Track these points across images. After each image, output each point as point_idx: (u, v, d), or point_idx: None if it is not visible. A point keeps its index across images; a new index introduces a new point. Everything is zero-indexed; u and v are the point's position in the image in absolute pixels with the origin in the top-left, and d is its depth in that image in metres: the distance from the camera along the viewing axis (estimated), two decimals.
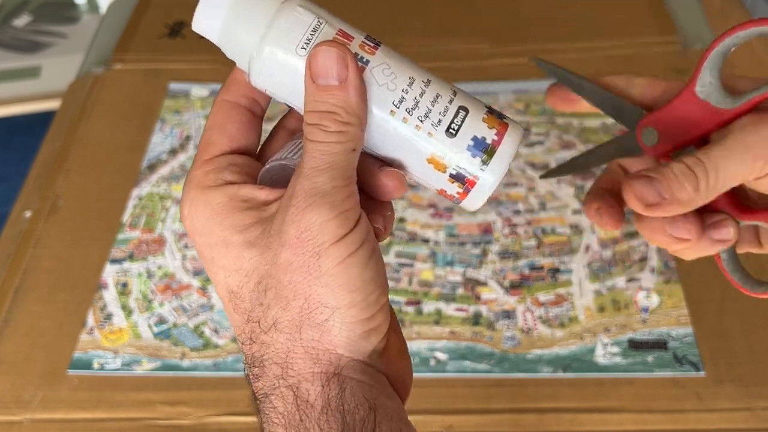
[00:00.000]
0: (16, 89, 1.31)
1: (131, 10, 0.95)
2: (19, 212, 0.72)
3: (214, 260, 0.32)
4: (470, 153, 0.33)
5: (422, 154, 0.33)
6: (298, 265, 0.30)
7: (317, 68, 0.31)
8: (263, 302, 0.31)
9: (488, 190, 0.33)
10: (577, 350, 0.59)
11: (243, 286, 0.31)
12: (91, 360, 0.60)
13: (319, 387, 0.30)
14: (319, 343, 0.30)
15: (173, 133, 0.79)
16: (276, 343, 0.31)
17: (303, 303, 0.30)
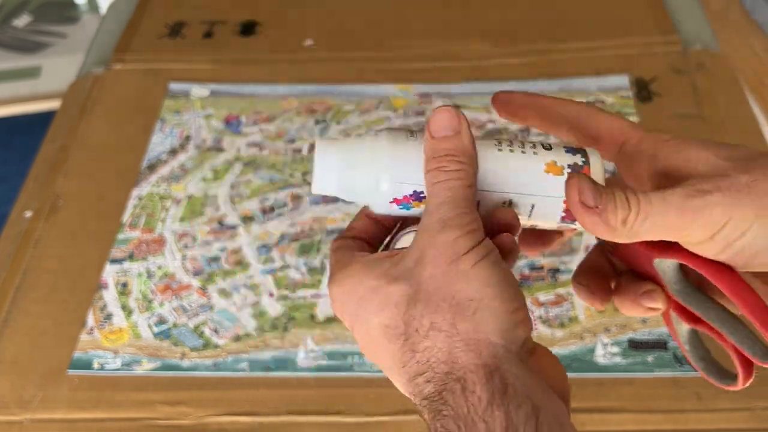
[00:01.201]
0: (16, 89, 1.32)
1: (131, 10, 0.95)
2: (20, 212, 0.72)
3: (364, 309, 0.36)
4: (570, 153, 0.38)
5: (538, 167, 0.38)
6: (439, 274, 0.34)
7: (435, 125, 0.37)
8: (416, 315, 0.34)
9: (602, 168, 0.38)
10: (577, 350, 0.59)
11: (394, 317, 0.35)
12: (91, 360, 0.60)
13: (483, 379, 0.32)
14: (476, 332, 0.33)
15: (173, 133, 0.79)
16: (438, 343, 0.34)
17: (451, 301, 0.34)
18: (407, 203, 0.38)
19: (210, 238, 0.68)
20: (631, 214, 0.35)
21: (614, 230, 0.35)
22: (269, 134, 0.78)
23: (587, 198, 0.35)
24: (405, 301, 0.35)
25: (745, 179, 0.34)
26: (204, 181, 0.74)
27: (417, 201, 0.38)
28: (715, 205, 0.33)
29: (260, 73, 0.85)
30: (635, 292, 0.39)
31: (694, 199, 0.34)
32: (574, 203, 0.36)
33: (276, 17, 0.92)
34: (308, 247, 0.67)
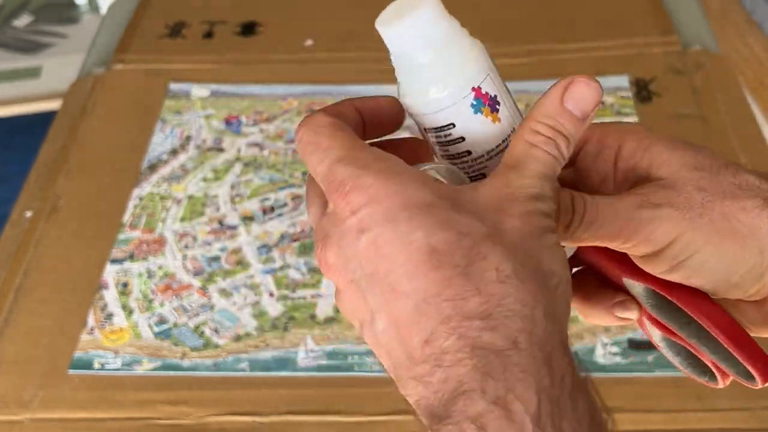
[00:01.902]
0: (16, 89, 1.32)
1: (132, 10, 0.95)
2: (20, 212, 0.72)
3: (410, 219, 0.29)
4: None
5: None
6: (526, 233, 0.29)
7: (574, 94, 0.32)
8: (488, 255, 0.28)
9: None
10: (577, 350, 0.59)
11: (454, 244, 0.28)
12: (91, 360, 0.60)
13: (567, 360, 0.27)
14: (555, 305, 0.28)
15: (174, 133, 0.79)
16: (519, 293, 0.28)
17: (536, 263, 0.29)
18: (482, 102, 0.33)
19: (210, 238, 0.69)
20: (574, 218, 0.32)
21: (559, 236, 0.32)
22: (269, 134, 0.78)
23: None
24: (478, 237, 0.28)
25: (700, 197, 0.32)
26: (204, 181, 0.74)
27: (490, 109, 0.33)
28: (662, 221, 0.31)
29: (260, 73, 0.85)
30: (607, 302, 0.36)
31: (642, 210, 0.32)
32: None
33: (276, 17, 0.92)
34: (308, 247, 0.67)
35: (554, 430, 0.26)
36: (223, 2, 0.96)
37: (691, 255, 0.32)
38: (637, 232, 0.32)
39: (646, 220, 0.32)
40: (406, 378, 0.29)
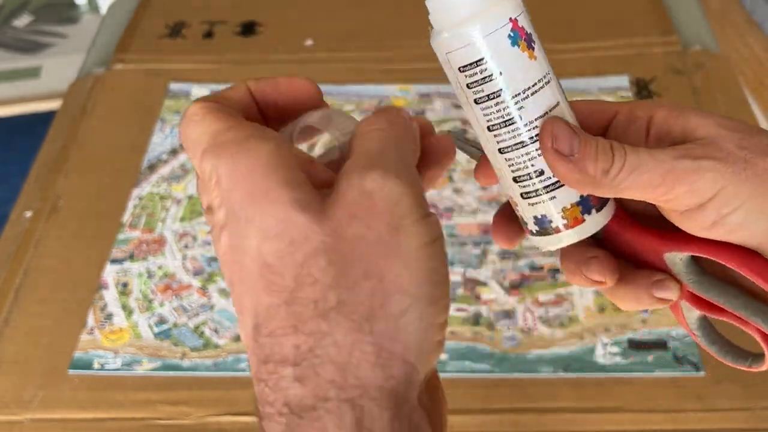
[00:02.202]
0: (16, 89, 1.32)
1: (132, 10, 0.95)
2: (20, 212, 0.72)
3: (249, 220, 0.25)
4: (533, 222, 0.34)
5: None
6: (372, 239, 0.25)
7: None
8: (320, 279, 0.24)
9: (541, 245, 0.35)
10: (577, 350, 0.59)
11: (284, 258, 0.25)
12: (91, 360, 0.60)
13: (388, 414, 0.23)
14: (393, 341, 0.24)
15: (173, 133, 0.79)
16: (336, 333, 0.24)
17: (377, 284, 0.24)
18: (519, 35, 0.33)
19: (210, 238, 0.68)
20: (614, 164, 0.31)
21: (594, 181, 0.31)
22: None
23: (562, 144, 0.31)
24: (307, 249, 0.24)
25: (742, 154, 0.31)
26: None
27: (526, 44, 0.33)
28: (706, 171, 0.30)
29: (260, 73, 0.84)
30: (644, 283, 0.34)
31: (684, 161, 0.31)
32: (546, 150, 0.31)
33: (276, 17, 0.92)
34: None
35: None
36: (223, 2, 0.96)
37: (735, 209, 0.31)
38: (680, 181, 0.31)
39: (689, 169, 0.31)
40: None
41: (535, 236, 0.35)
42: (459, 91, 0.33)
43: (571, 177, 0.31)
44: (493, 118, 0.32)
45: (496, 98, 0.32)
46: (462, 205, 0.69)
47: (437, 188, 0.71)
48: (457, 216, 0.68)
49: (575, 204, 0.33)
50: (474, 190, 0.71)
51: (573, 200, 0.33)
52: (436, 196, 0.70)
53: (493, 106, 0.32)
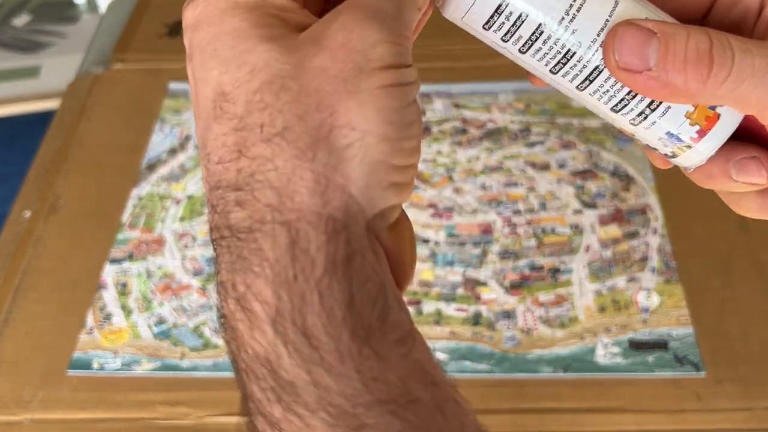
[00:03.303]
0: (15, 89, 1.31)
1: (131, 9, 0.95)
2: (19, 212, 0.72)
3: (214, 52, 0.25)
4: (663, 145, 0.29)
5: None
6: (333, 73, 0.24)
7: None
8: (270, 104, 0.24)
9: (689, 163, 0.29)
10: (577, 350, 0.59)
11: (241, 86, 0.24)
12: (90, 360, 0.60)
13: (323, 237, 0.23)
14: (334, 171, 0.24)
15: (173, 132, 0.79)
16: (278, 158, 0.24)
17: (327, 116, 0.24)
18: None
19: (210, 238, 0.68)
20: (714, 71, 0.25)
21: (688, 94, 0.25)
22: None
23: (630, 58, 0.25)
24: (265, 76, 0.24)
25: None
26: (204, 180, 0.73)
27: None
28: None
29: None
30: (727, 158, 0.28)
31: None
32: (614, 71, 0.26)
33: None
34: None
35: (295, 329, 0.23)
36: None
37: None
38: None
39: None
40: None
41: (674, 159, 0.29)
42: (500, 50, 0.29)
43: (658, 94, 0.26)
44: (549, 60, 0.28)
45: (540, 36, 0.28)
46: (462, 205, 0.69)
47: (437, 188, 0.71)
48: (457, 216, 0.68)
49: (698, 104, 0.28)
50: (474, 190, 0.70)
51: None
52: (436, 196, 0.70)
53: (542, 46, 0.28)
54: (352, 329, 0.23)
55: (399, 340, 0.24)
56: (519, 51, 0.28)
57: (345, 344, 0.23)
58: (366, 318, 0.23)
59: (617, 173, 0.71)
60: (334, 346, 0.23)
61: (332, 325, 0.23)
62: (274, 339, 0.23)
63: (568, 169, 0.71)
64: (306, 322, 0.23)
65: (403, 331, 0.24)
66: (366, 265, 0.24)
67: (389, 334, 0.24)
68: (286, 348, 0.23)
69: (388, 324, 0.24)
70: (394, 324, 0.24)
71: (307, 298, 0.23)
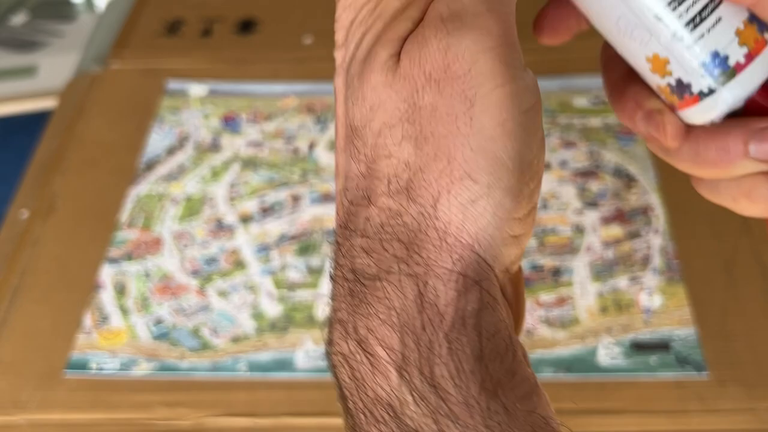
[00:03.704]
0: (12, 88, 1.31)
1: (128, 8, 0.94)
2: (16, 212, 0.72)
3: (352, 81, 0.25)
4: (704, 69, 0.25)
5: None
6: (444, 112, 0.23)
7: None
8: (394, 154, 0.23)
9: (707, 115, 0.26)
10: (578, 352, 0.58)
11: (366, 125, 0.24)
12: (88, 361, 0.60)
13: (453, 293, 0.23)
14: (460, 230, 0.23)
15: (171, 132, 0.78)
16: (404, 215, 0.23)
17: (445, 166, 0.23)
18: None
19: (208, 238, 0.68)
20: None
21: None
22: (268, 133, 0.77)
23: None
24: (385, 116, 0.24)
25: None
26: (202, 180, 0.73)
27: None
28: None
29: (259, 71, 0.84)
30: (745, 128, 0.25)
31: None
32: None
33: (275, 15, 0.92)
34: (308, 247, 0.67)
35: (422, 378, 0.22)
36: (221, 0, 0.95)
37: None
38: None
39: None
40: None
41: (707, 97, 0.25)
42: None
43: None
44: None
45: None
46: None
47: None
48: None
49: (748, 21, 0.25)
50: None
51: (744, 17, 0.25)
52: None
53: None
54: (481, 382, 0.22)
55: (526, 396, 0.24)
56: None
57: (473, 397, 0.22)
58: (495, 372, 0.23)
59: (619, 173, 0.70)
60: (462, 399, 0.22)
61: (461, 377, 0.22)
62: (399, 385, 0.22)
63: (570, 168, 0.71)
64: (434, 372, 0.22)
65: (529, 386, 0.24)
66: (495, 319, 0.23)
67: (517, 389, 0.24)
68: (412, 396, 0.22)
69: (516, 379, 0.23)
70: (522, 379, 0.24)
71: (435, 348, 0.22)
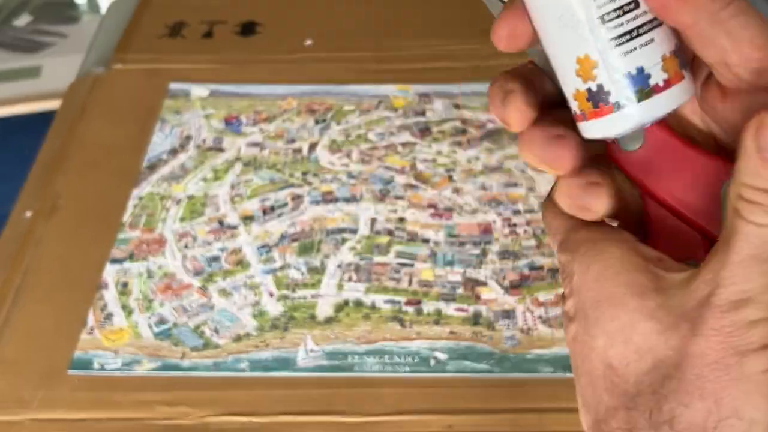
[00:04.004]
0: (16, 89, 1.31)
1: (131, 10, 0.95)
2: (20, 212, 0.72)
3: (597, 321, 0.27)
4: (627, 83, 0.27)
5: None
6: (712, 360, 0.25)
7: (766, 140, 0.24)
8: (657, 390, 0.25)
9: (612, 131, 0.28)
10: None
11: (629, 365, 0.26)
12: (91, 360, 0.60)
13: None
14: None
15: (173, 133, 0.79)
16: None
17: (711, 406, 0.24)
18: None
19: (210, 238, 0.68)
20: None
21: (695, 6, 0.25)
22: (269, 134, 0.78)
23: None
24: (653, 360, 0.26)
25: None
26: (204, 181, 0.74)
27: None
28: None
29: (260, 73, 0.85)
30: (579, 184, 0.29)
31: None
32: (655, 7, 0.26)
33: (276, 17, 0.92)
34: (308, 247, 0.67)
35: None
36: (223, 2, 0.96)
37: None
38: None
39: None
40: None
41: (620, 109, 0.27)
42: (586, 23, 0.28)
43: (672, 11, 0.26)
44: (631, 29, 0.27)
45: (632, 9, 0.27)
46: (462, 205, 0.69)
47: (437, 188, 0.71)
48: (457, 216, 0.68)
49: (674, 52, 0.27)
50: (474, 190, 0.71)
51: (671, 48, 0.27)
52: (436, 196, 0.70)
53: (628, 20, 0.27)
54: None
55: None
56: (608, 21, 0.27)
57: None
58: None
59: None
60: None
61: None
62: None
63: None
64: None
65: None
66: None
67: None
68: None
69: None
70: None
71: None
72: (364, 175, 0.73)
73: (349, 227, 0.69)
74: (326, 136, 0.77)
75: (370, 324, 0.61)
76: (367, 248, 0.67)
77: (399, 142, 0.76)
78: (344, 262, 0.66)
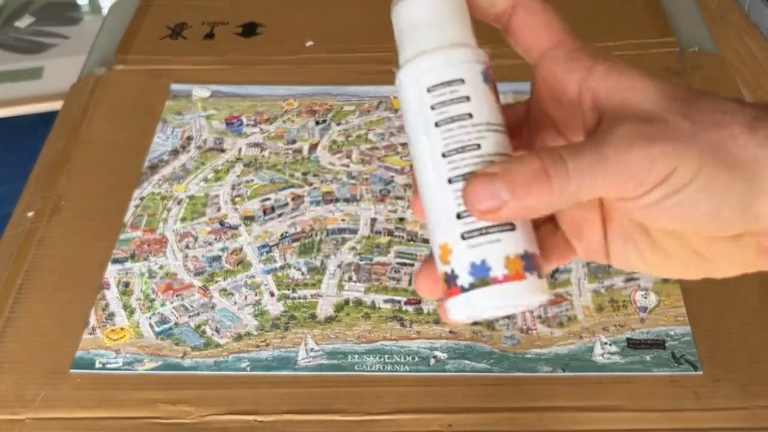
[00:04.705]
0: (18, 90, 1.32)
1: (133, 11, 0.95)
2: (22, 213, 0.72)
3: None
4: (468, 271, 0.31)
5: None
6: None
7: None
8: None
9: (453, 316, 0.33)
10: (575, 349, 0.59)
11: None
12: (93, 359, 0.61)
13: None
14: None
15: (175, 133, 0.79)
16: None
17: None
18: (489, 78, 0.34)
19: (211, 238, 0.69)
20: (555, 182, 0.29)
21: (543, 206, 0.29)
22: (270, 135, 0.78)
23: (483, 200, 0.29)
24: None
25: (687, 127, 0.30)
26: (205, 181, 0.74)
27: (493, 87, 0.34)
28: (658, 157, 0.29)
29: (261, 74, 0.85)
30: None
31: (634, 150, 0.29)
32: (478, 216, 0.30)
33: (277, 19, 0.93)
34: (309, 247, 0.67)
35: None
36: (224, 3, 0.96)
37: (681, 188, 0.29)
38: (634, 175, 0.29)
39: (641, 160, 0.29)
40: None
41: (465, 292, 0.32)
42: (415, 115, 0.33)
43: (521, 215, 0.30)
44: (451, 143, 0.32)
45: (460, 121, 0.32)
46: None
47: None
48: None
49: (521, 256, 0.31)
50: None
51: (521, 251, 0.31)
52: None
53: (456, 129, 0.32)
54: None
55: None
56: (435, 123, 0.32)
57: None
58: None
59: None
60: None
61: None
62: None
63: None
64: None
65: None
66: None
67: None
68: None
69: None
70: None
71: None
72: (364, 175, 0.73)
73: (350, 227, 0.69)
74: (326, 137, 0.78)
75: (370, 323, 0.62)
76: (367, 248, 0.67)
77: (399, 142, 0.76)
78: (344, 262, 0.66)
